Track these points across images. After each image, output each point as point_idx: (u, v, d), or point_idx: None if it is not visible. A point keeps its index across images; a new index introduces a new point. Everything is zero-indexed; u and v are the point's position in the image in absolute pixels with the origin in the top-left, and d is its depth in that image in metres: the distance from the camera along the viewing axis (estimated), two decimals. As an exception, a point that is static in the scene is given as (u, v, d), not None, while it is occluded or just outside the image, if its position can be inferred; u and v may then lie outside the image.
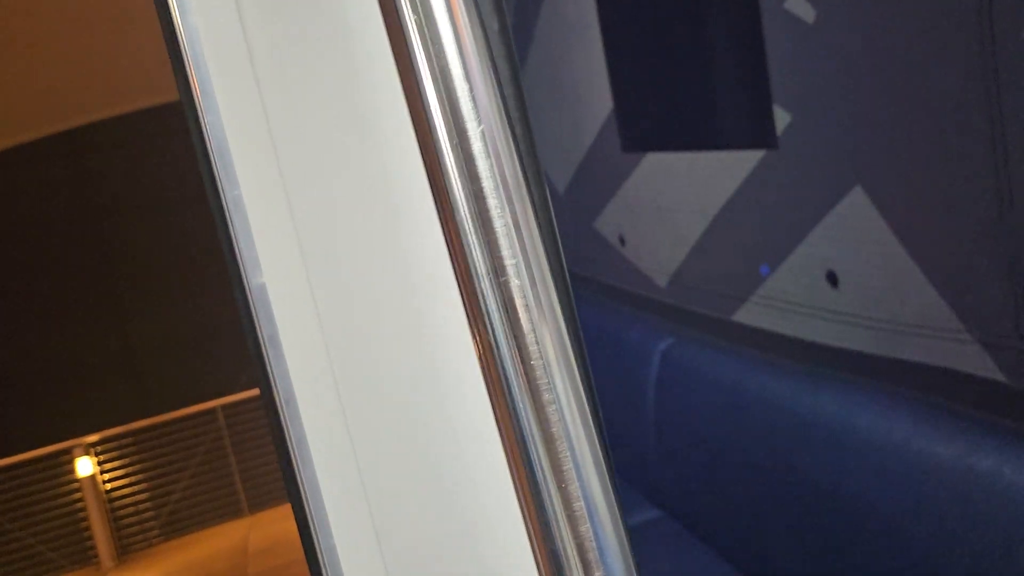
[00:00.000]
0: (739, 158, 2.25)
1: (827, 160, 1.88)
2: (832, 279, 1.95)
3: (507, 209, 0.37)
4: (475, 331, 0.41)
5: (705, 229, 2.43)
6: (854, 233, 1.85)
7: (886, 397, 1.79)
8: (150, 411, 8.24)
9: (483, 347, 0.41)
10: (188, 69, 0.59)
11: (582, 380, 0.42)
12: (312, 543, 0.66)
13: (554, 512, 0.43)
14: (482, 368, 0.42)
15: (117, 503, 7.95)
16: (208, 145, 0.60)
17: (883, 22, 1.65)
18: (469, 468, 0.61)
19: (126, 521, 8.03)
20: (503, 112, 0.39)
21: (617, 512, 0.43)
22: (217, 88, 0.59)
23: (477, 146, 0.37)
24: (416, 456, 0.64)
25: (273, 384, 0.65)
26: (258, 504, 8.19)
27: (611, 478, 0.43)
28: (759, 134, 2.13)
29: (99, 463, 7.84)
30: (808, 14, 1.82)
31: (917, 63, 1.60)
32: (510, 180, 0.37)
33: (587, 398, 0.43)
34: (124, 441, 8.05)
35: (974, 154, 1.52)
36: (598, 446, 0.42)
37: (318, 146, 0.59)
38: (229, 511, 8.11)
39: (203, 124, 0.61)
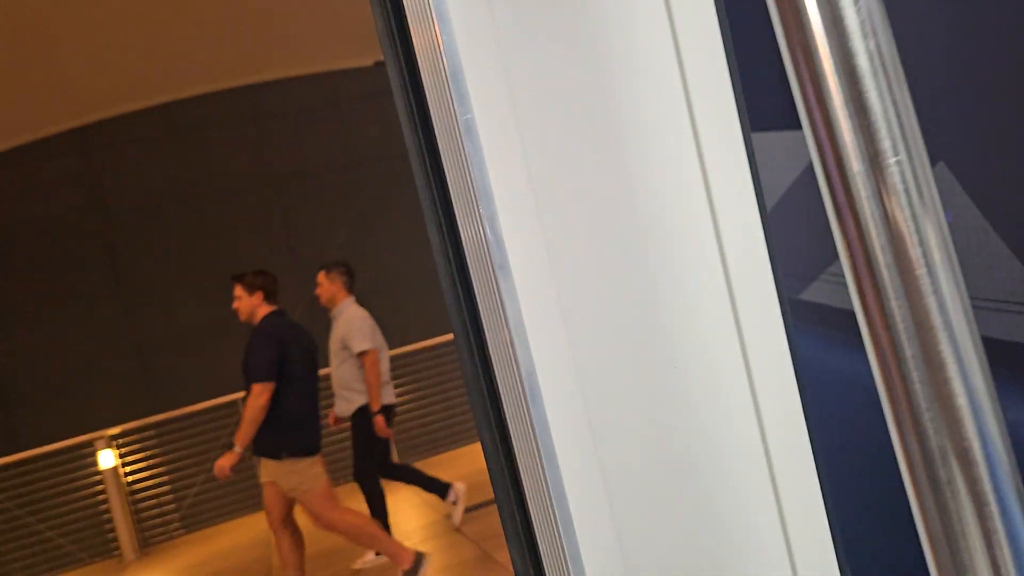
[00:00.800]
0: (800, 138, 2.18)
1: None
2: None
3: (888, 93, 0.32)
4: (845, 231, 0.34)
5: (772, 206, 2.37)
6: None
7: None
8: (169, 405, 8.24)
9: (855, 254, 0.34)
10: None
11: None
12: (556, 536, 0.60)
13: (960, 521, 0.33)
14: (854, 276, 0.35)
15: (139, 495, 7.94)
16: (443, 67, 0.55)
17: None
18: (726, 460, 0.55)
19: (147, 514, 8.02)
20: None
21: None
22: (451, 6, 0.54)
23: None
24: (664, 449, 0.58)
25: (501, 313, 0.59)
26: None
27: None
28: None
29: (120, 455, 7.82)
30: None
31: (1001, 33, 1.54)
32: (887, 57, 0.32)
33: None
34: (146, 434, 8.04)
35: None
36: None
37: (551, 69, 0.54)
38: (250, 504, 8.08)
39: (438, 43, 0.55)
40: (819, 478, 0.66)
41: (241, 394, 8.24)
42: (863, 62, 0.32)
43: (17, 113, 7.89)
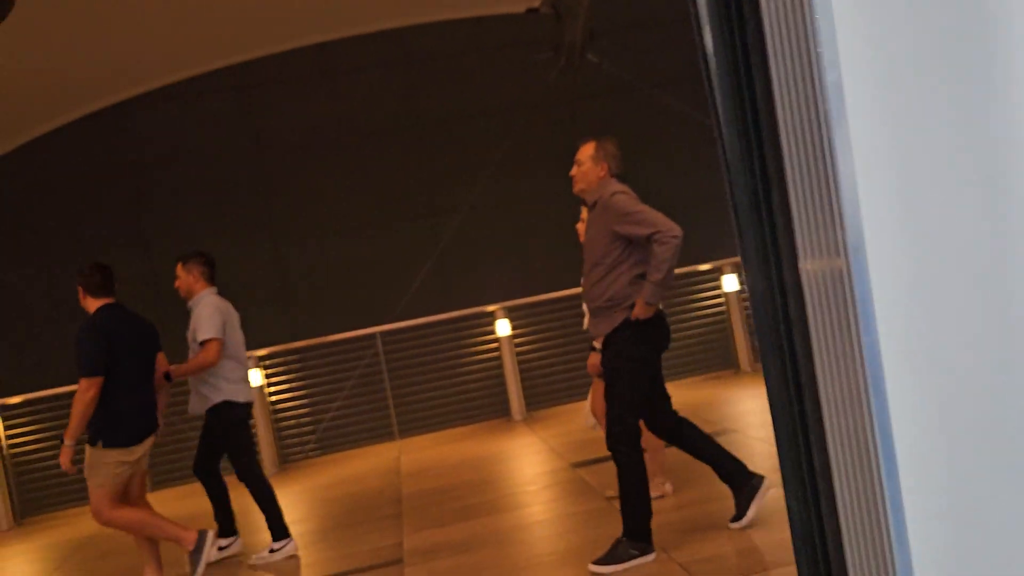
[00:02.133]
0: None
1: None
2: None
3: None
4: None
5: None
6: None
7: None
8: (310, 333, 8.69)
9: None
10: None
11: None
12: (879, 534, 0.61)
13: None
14: None
15: (280, 415, 8.48)
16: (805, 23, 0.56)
17: None
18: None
19: (287, 433, 8.57)
20: None
21: None
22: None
23: None
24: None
25: (843, 257, 0.60)
26: (408, 430, 8.57)
27: None
28: None
29: (267, 376, 8.35)
30: None
31: None
32: None
33: None
34: (289, 358, 8.56)
35: None
36: None
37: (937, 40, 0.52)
38: (381, 433, 8.50)
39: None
40: None
41: (379, 329, 8.60)
42: None
43: (180, 49, 8.34)
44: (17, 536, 7.56)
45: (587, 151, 3.99)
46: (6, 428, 8.15)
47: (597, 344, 4.13)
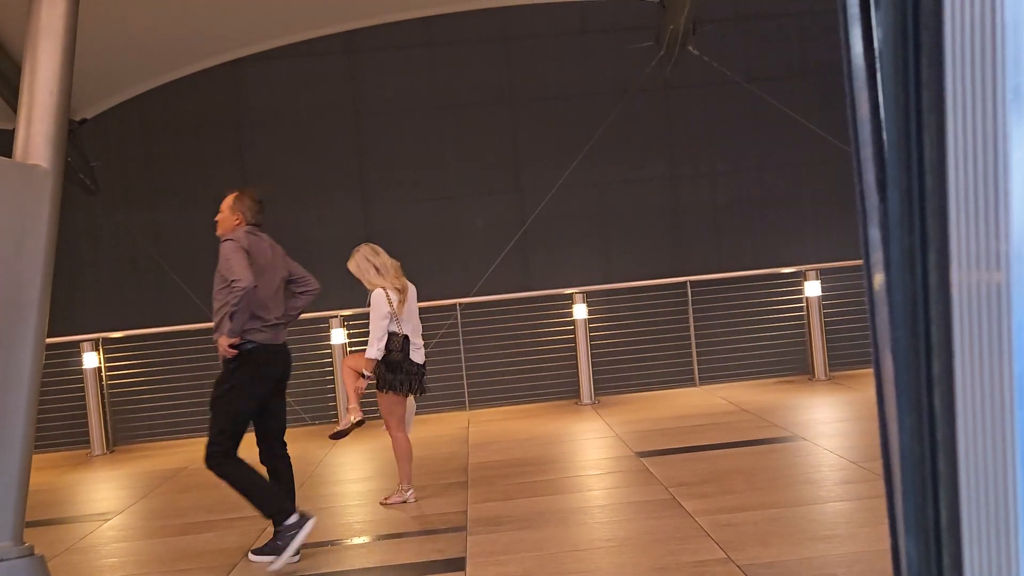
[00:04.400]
0: None
1: None
2: None
3: None
4: None
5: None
6: None
7: None
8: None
9: None
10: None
11: None
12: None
13: None
14: None
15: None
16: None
17: None
18: None
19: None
20: None
21: None
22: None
23: None
24: None
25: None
26: (478, 402, 8.80)
27: None
28: None
29: (348, 335, 8.67)
30: None
31: None
32: None
33: None
34: (365, 321, 8.86)
35: None
36: None
37: None
38: (452, 402, 8.75)
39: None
40: None
41: (459, 301, 8.81)
42: None
43: (294, 12, 8.62)
44: (108, 462, 8.10)
45: (227, 202, 4.58)
46: (106, 361, 8.70)
47: None
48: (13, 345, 2.28)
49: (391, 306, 5.17)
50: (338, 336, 8.45)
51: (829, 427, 6.86)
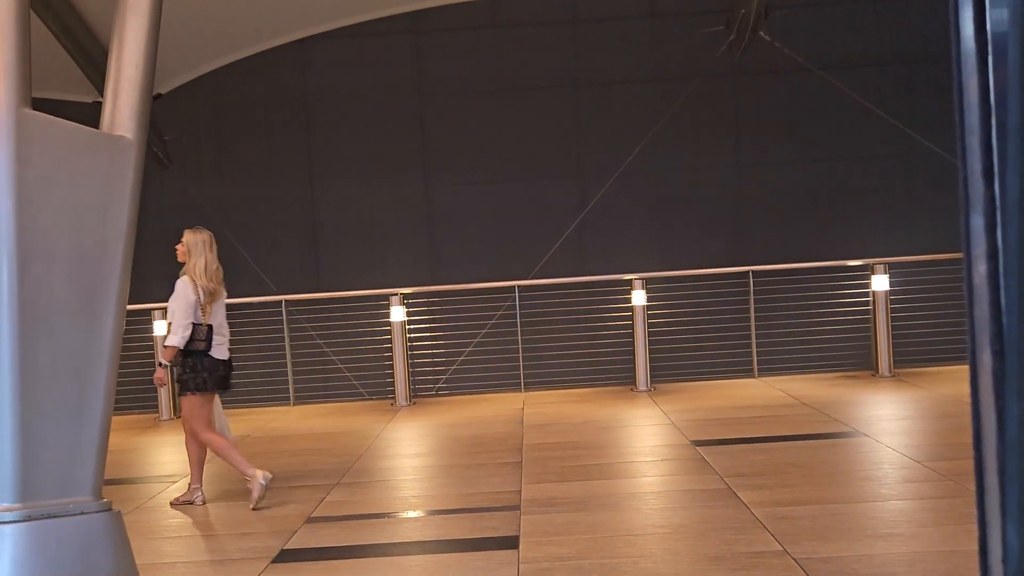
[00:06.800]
0: None
1: None
2: None
3: None
4: None
5: None
6: None
7: None
8: (446, 279, 9.07)
9: None
10: None
11: None
12: None
13: None
14: None
15: (414, 351, 8.93)
16: None
17: None
18: None
19: (419, 371, 9.03)
20: None
21: None
22: None
23: None
24: None
25: None
26: (533, 384, 8.83)
27: None
28: None
29: (407, 312, 8.78)
30: None
31: None
32: None
33: None
34: (431, 299, 8.99)
35: None
36: None
37: None
38: (508, 383, 8.81)
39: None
40: None
41: (518, 283, 8.84)
42: None
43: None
44: (175, 426, 8.36)
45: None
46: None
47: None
48: (97, 309, 2.37)
49: (198, 296, 5.00)
50: (398, 314, 8.55)
51: (892, 424, 6.71)
